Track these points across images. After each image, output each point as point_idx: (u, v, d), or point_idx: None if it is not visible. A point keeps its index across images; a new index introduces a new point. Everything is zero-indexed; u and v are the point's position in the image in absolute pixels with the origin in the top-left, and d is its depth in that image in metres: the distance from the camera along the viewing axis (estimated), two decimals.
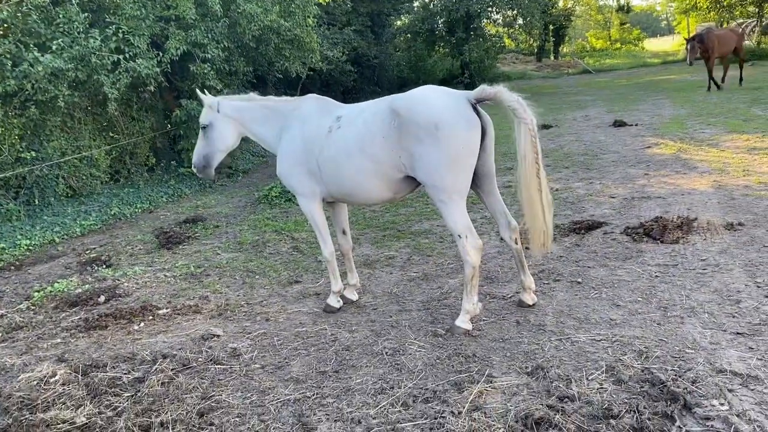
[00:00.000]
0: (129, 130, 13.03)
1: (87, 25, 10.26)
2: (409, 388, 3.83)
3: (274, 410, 3.74)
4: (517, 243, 4.78)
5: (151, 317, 5.55)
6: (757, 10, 35.53)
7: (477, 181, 4.64)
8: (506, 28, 31.47)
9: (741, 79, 18.83)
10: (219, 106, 5.42)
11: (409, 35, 30.33)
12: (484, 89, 4.35)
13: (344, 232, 5.51)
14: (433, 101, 4.38)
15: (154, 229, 8.99)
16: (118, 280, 6.77)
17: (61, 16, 9.93)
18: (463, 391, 3.70)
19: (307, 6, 14.41)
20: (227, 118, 5.44)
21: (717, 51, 17.96)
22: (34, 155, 9.99)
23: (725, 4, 35.26)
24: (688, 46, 18.16)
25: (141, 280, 6.71)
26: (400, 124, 4.40)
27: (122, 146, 12.63)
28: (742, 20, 40.08)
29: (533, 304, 4.89)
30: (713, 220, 6.39)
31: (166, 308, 5.75)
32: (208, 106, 5.44)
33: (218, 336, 4.97)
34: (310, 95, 5.37)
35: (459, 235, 4.41)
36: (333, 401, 3.78)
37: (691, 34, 19.32)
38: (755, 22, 36.83)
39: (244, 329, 5.10)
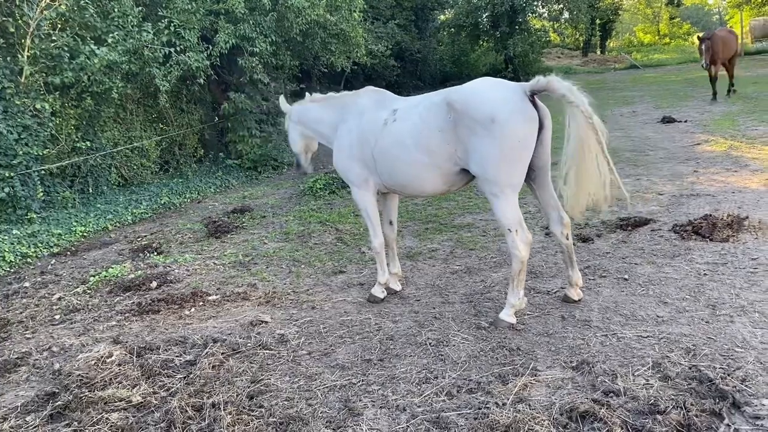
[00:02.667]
0: (178, 121, 13.37)
1: (140, 19, 10.57)
2: (453, 378, 3.88)
3: (321, 395, 3.84)
4: (567, 238, 4.75)
5: (201, 303, 5.73)
6: None
7: (531, 174, 4.58)
8: (552, 23, 31.03)
9: (728, 88, 17.08)
10: (290, 113, 5.92)
11: (452, 29, 30.17)
12: (539, 80, 4.29)
13: (391, 223, 5.61)
14: (489, 94, 4.36)
15: (203, 219, 9.23)
16: (169, 266, 6.98)
17: (116, 10, 10.25)
18: (508, 383, 3.73)
19: (353, 0, 14.51)
20: (294, 125, 5.92)
21: (722, 55, 16.30)
22: (88, 145, 10.34)
23: None
24: (703, 47, 16.11)
25: (191, 267, 6.92)
26: (455, 118, 4.41)
27: (172, 137, 12.96)
28: None
29: (579, 300, 4.88)
30: (765, 219, 6.25)
31: (216, 295, 5.93)
32: (286, 114, 6.01)
33: (266, 322, 5.10)
34: (368, 88, 5.47)
35: (509, 229, 4.41)
36: (378, 388, 3.86)
37: (702, 35, 17.08)
38: None
39: (291, 316, 5.23)
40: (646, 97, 19.43)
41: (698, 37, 17.25)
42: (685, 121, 13.61)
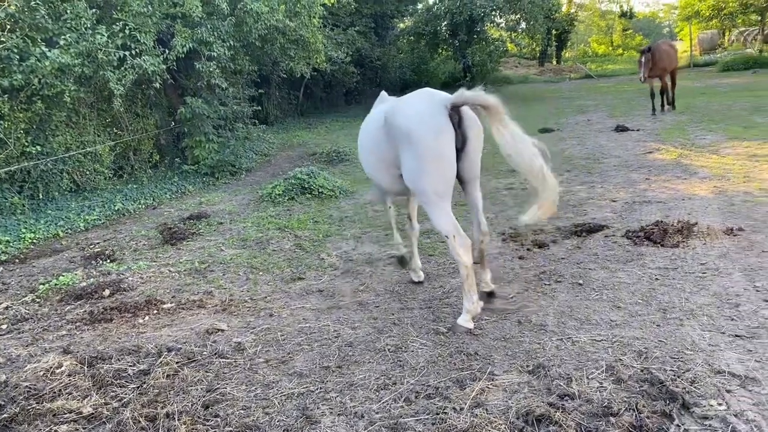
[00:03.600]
0: (133, 126, 13.09)
1: (94, 21, 10.33)
2: (412, 384, 3.89)
3: (278, 403, 3.80)
4: (483, 244, 5.04)
5: (155, 311, 5.61)
6: (759, 18, 35.65)
7: (461, 185, 4.84)
8: (509, 32, 31.45)
9: (672, 102, 16.85)
10: None
11: (412, 37, 30.29)
12: (462, 94, 4.39)
13: (410, 218, 5.99)
14: (407, 109, 4.53)
15: (158, 225, 9.04)
16: (123, 274, 6.82)
17: (68, 11, 10.00)
18: (465, 388, 3.76)
19: (312, 6, 14.50)
20: None
21: (667, 67, 15.89)
22: (39, 149, 10.04)
23: (726, 12, 35.32)
24: (642, 59, 15.59)
25: (145, 274, 6.77)
26: (387, 130, 4.68)
27: (126, 142, 12.69)
28: (743, 28, 40.28)
29: (491, 292, 5.15)
30: (713, 225, 6.45)
31: (171, 303, 5.81)
32: None
33: (222, 330, 5.02)
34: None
35: (446, 236, 4.51)
36: (336, 396, 3.84)
37: (642, 48, 16.47)
38: (757, 31, 36.98)
39: (248, 324, 5.16)
40: (601, 106, 19.90)
41: (639, 50, 17.36)
42: (638, 130, 13.98)
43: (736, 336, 4.10)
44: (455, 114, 4.42)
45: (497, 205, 8.44)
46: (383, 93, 5.80)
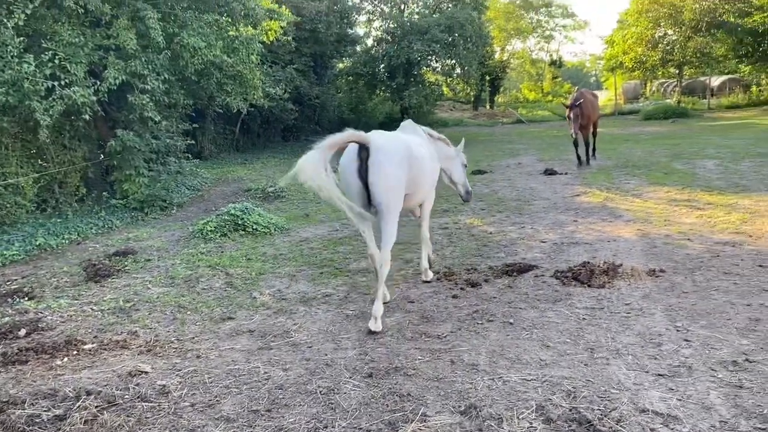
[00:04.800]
0: (60, 158, 12.57)
1: (21, 50, 9.98)
2: (343, 427, 3.81)
3: None
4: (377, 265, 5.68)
5: (75, 352, 5.32)
6: (677, 71, 38.04)
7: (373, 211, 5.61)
8: (445, 77, 32.32)
9: (594, 150, 16.38)
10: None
11: (350, 77, 30.72)
12: (335, 138, 5.32)
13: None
14: None
15: (82, 261, 8.66)
16: (41, 313, 6.47)
17: None
18: (398, 431, 3.71)
19: (251, 43, 14.48)
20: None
21: (593, 117, 15.51)
22: None
23: (648, 65, 37.54)
24: (572, 115, 14.58)
25: (66, 313, 6.44)
26: None
27: (51, 175, 12.18)
28: (663, 80, 42.80)
29: (374, 332, 5.41)
30: (637, 266, 6.70)
31: (92, 343, 5.53)
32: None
33: (146, 372, 4.81)
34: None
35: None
36: None
37: (570, 101, 15.47)
38: (675, 83, 39.41)
39: (174, 366, 4.96)
40: (531, 150, 20.58)
41: (564, 104, 16.10)
42: (566, 174, 14.51)
43: (659, 375, 4.23)
44: (364, 150, 5.44)
45: (434, 244, 8.51)
46: (409, 121, 6.71)
